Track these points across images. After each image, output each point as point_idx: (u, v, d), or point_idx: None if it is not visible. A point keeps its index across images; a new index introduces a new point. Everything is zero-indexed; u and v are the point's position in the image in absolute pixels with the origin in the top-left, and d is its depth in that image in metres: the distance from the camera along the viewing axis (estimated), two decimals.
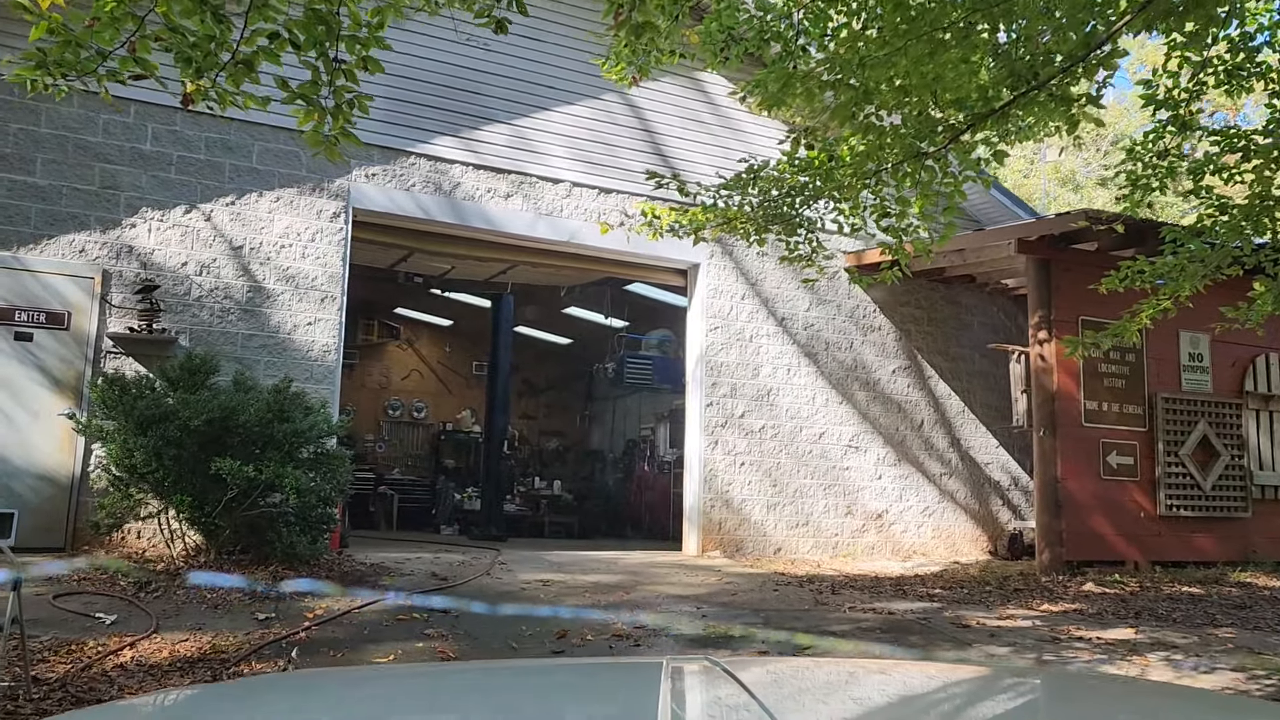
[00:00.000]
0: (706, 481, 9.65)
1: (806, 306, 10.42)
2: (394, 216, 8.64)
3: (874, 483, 10.54)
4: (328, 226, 8.27)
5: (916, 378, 10.97)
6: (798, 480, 10.12)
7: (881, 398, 10.71)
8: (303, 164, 8.20)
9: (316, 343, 8.12)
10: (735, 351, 9.96)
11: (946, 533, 10.90)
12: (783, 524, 9.98)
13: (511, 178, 9.10)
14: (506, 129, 9.11)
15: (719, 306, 9.95)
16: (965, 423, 11.20)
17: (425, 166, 8.73)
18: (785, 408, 10.14)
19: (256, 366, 7.81)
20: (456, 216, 8.84)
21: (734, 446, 9.83)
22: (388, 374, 19.84)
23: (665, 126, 9.83)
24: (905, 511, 10.68)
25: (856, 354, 10.64)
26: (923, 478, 10.85)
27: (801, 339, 10.34)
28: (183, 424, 6.05)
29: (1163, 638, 5.92)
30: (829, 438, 10.34)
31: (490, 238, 9.15)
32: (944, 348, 11.20)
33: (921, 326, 11.09)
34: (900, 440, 10.76)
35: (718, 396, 9.82)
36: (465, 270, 11.74)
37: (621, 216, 9.49)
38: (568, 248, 9.42)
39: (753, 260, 10.16)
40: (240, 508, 6.30)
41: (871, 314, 10.78)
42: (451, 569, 7.55)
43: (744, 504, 9.80)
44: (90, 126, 7.56)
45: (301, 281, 8.12)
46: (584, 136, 9.45)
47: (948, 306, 11.29)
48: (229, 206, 7.93)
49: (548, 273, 11.73)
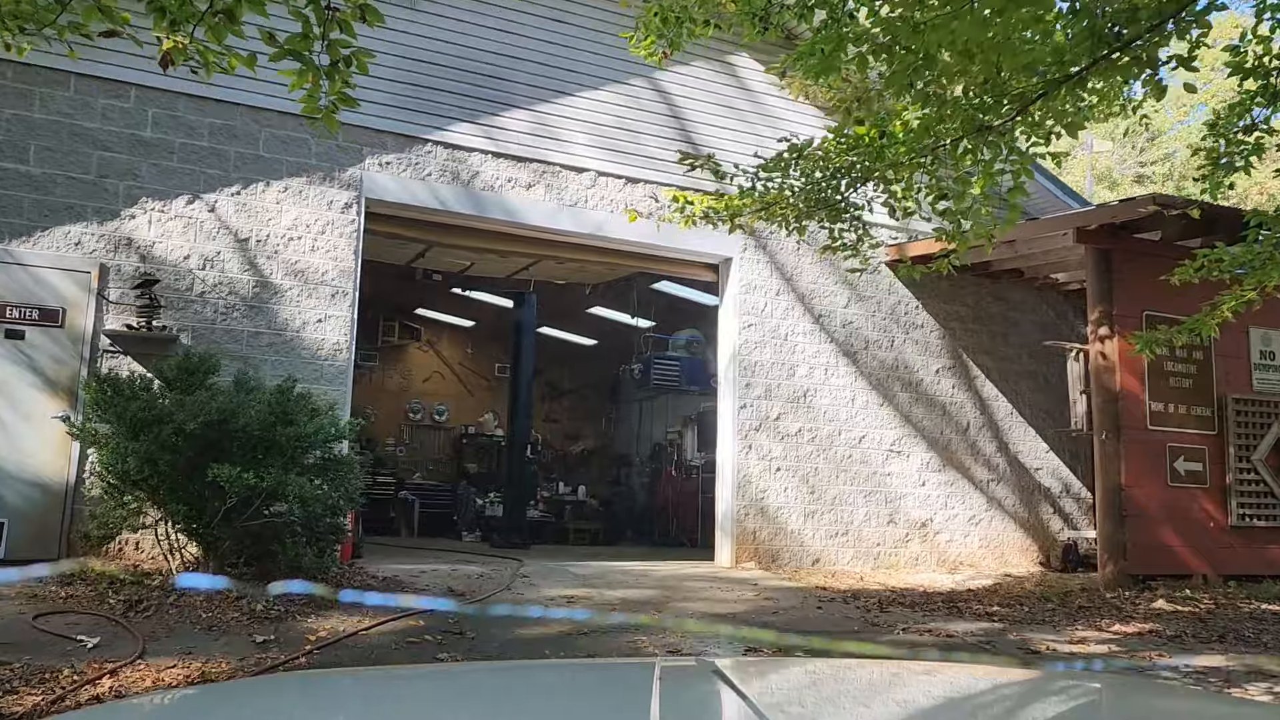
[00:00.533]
0: (740, 488, 9.09)
1: (845, 303, 9.84)
2: (408, 208, 8.16)
3: (917, 489, 9.94)
4: (338, 218, 7.80)
5: (962, 378, 10.35)
6: (836, 487, 9.54)
7: (925, 399, 10.11)
8: (312, 151, 7.74)
9: (327, 341, 7.64)
10: (770, 350, 9.40)
11: (995, 543, 10.28)
12: (821, 533, 9.40)
13: (533, 167, 8.59)
14: (527, 115, 8.60)
15: (752, 303, 9.39)
16: (1013, 426, 10.57)
17: (442, 154, 8.25)
18: (823, 410, 9.57)
19: (263, 366, 7.35)
20: (475, 208, 8.34)
21: (769, 451, 9.26)
22: (408, 376, 19.44)
23: (695, 113, 9.29)
24: (951, 520, 10.06)
25: (898, 353, 10.04)
26: (969, 484, 10.23)
27: (840, 337, 9.77)
28: (177, 427, 5.57)
29: (1258, 665, 5.29)
30: (869, 441, 9.76)
31: (510, 230, 8.65)
32: (990, 346, 10.58)
33: (966, 324, 10.47)
34: (945, 444, 10.15)
35: (752, 398, 9.26)
36: (485, 267, 11.26)
37: (650, 205, 8.96)
38: (592, 240, 8.90)
39: (788, 254, 9.59)
40: (241, 518, 5.82)
41: (913, 311, 10.18)
42: (470, 583, 7.04)
43: (780, 512, 9.23)
44: (87, 112, 7.13)
45: (311, 276, 7.65)
46: (609, 123, 8.93)
47: (994, 303, 10.67)
48: (234, 197, 7.48)
49: (571, 269, 11.22)
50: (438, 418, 19.39)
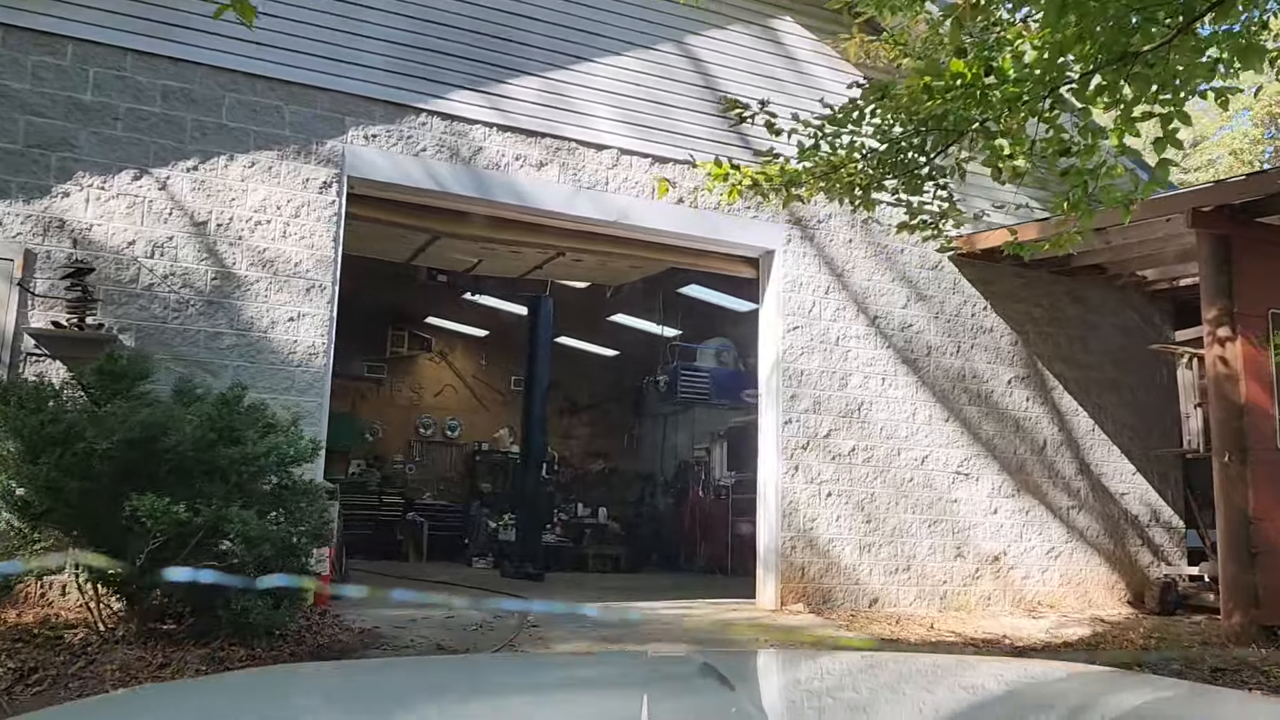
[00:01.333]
0: (785, 516, 7.80)
1: (904, 302, 8.56)
2: (399, 188, 6.98)
3: (988, 518, 8.61)
4: (316, 199, 6.62)
5: (1037, 389, 9.03)
6: (896, 515, 8.24)
7: (995, 413, 8.80)
8: (285, 120, 6.58)
9: (300, 343, 6.46)
10: (819, 357, 8.13)
11: (1076, 579, 8.92)
12: (879, 569, 8.09)
13: (546, 143, 7.39)
14: (539, 83, 7.42)
15: (798, 302, 8.13)
16: (1095, 444, 9.23)
17: (439, 127, 7.06)
18: (880, 425, 8.28)
19: (222, 373, 6.17)
20: (478, 189, 7.15)
21: (818, 473, 7.98)
22: (419, 389, 18.29)
23: (732, 84, 8.05)
24: (1026, 553, 8.72)
25: (965, 360, 8.74)
26: (1046, 511, 8.89)
27: (898, 342, 8.48)
28: (88, 447, 4.38)
29: None
30: (933, 462, 8.45)
31: (520, 216, 7.45)
32: (1068, 353, 9.25)
33: (1041, 327, 9.16)
34: (1019, 466, 8.82)
35: (798, 412, 7.99)
36: (495, 264, 10.07)
37: (682, 189, 7.74)
38: (615, 229, 7.68)
39: (839, 245, 8.33)
40: (174, 561, 4.61)
41: (981, 312, 8.88)
42: (466, 636, 5.79)
43: (831, 545, 7.94)
44: (15, 70, 5.99)
45: (282, 267, 6.48)
46: (634, 94, 7.73)
47: (1071, 304, 9.35)
48: (191, 173, 6.32)
49: (591, 266, 10.02)
50: (450, 434, 18.22)
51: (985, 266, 8.88)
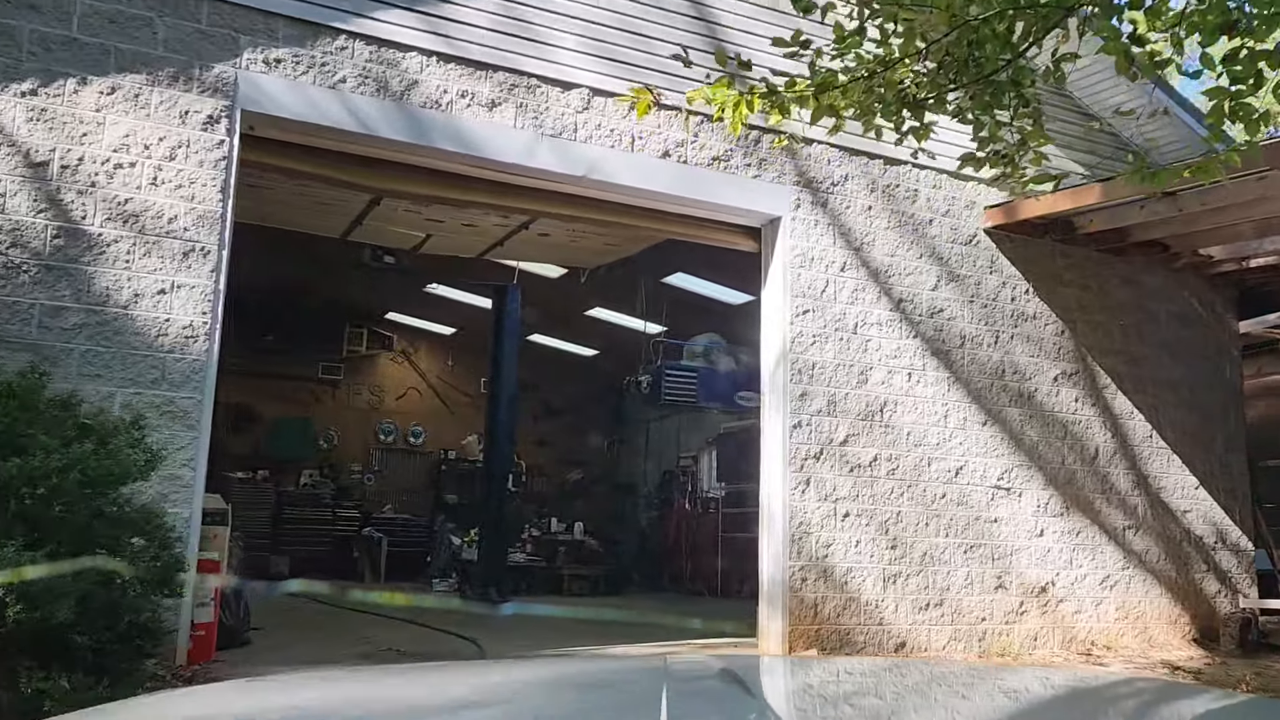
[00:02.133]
0: (794, 542, 6.37)
1: (933, 283, 7.16)
2: (313, 130, 5.51)
3: (1033, 541, 7.21)
4: (198, 138, 5.15)
5: (1087, 388, 7.64)
6: (926, 538, 6.83)
7: (1040, 416, 7.40)
8: (157, 37, 5.10)
9: (173, 323, 4.97)
10: (833, 347, 6.71)
11: (1134, 612, 7.53)
12: (907, 605, 6.67)
13: (499, 78, 5.95)
14: (492, 3, 5.98)
15: (809, 280, 6.72)
16: (1152, 453, 7.85)
17: (363, 53, 5.60)
18: (906, 430, 6.87)
19: (65, 359, 4.68)
20: (414, 133, 5.69)
21: (833, 488, 6.56)
22: (380, 392, 16.78)
23: (728, 11, 6.65)
24: (1078, 582, 7.32)
25: (1005, 353, 7.34)
26: (1099, 532, 7.50)
27: (927, 330, 7.08)
28: None
29: None
30: (969, 475, 7.04)
31: (467, 169, 6.00)
32: (1122, 345, 7.88)
33: (1090, 315, 7.78)
34: (1068, 478, 7.43)
35: (809, 413, 6.56)
36: (447, 241, 8.59)
37: (668, 137, 6.32)
38: (586, 188, 6.23)
39: (856, 213, 6.93)
40: None
41: (1023, 296, 7.49)
42: None
43: (850, 576, 6.51)
44: None
45: (150, 224, 5.00)
46: (610, 23, 6.30)
47: (1123, 288, 7.98)
48: (26, 98, 4.84)
49: (560, 245, 8.58)
50: (413, 440, 16.71)
51: (1026, 244, 7.51)
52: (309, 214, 7.48)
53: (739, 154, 6.55)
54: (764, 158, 6.63)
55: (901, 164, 7.02)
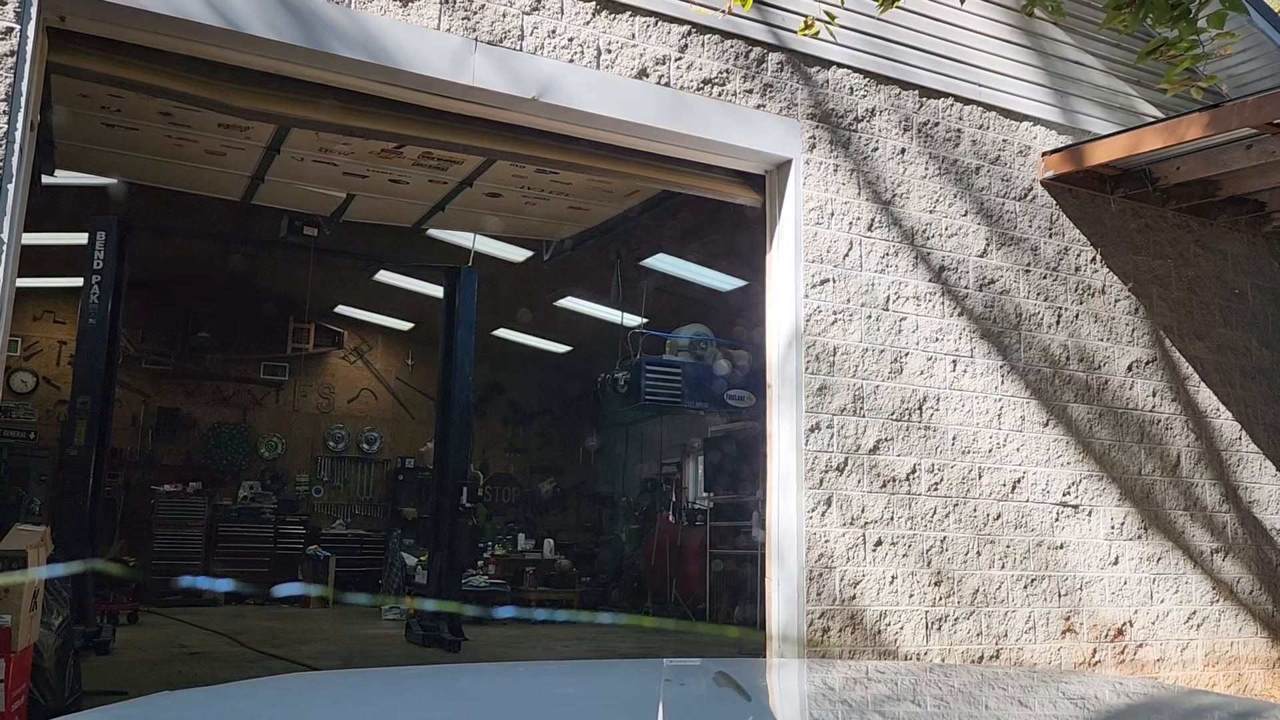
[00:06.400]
0: (814, 579, 4.86)
1: (981, 247, 5.68)
2: (152, 20, 3.95)
3: (1106, 571, 5.74)
4: None
5: (1167, 379, 6.20)
6: (978, 571, 5.34)
7: (1111, 414, 5.94)
8: None
9: None
10: (857, 327, 5.22)
11: (1226, 657, 6.08)
12: (956, 657, 5.18)
13: None
14: None
15: (827, 242, 5.22)
16: (1243, 459, 6.42)
17: None
18: (951, 433, 5.38)
19: None
20: (301, 35, 4.15)
21: (861, 509, 5.06)
22: (330, 394, 15.21)
23: None
24: (1159, 621, 5.87)
25: (1070, 334, 5.88)
26: (1184, 558, 6.05)
27: (976, 306, 5.60)
28: None
29: None
30: (1029, 488, 5.57)
31: (377, 88, 4.45)
32: (1204, 328, 6.44)
33: (1168, 289, 6.33)
34: (1145, 492, 5.97)
35: (829, 412, 5.06)
36: (374, 205, 7.02)
37: (649, 54, 4.81)
38: (538, 116, 4.70)
39: (885, 157, 5.44)
40: None
41: (1088, 265, 6.03)
42: None
43: (885, 622, 5.01)
44: None
45: None
46: None
47: (1203, 256, 6.55)
48: None
49: (512, 208, 7.06)
50: (367, 447, 15.15)
51: (1091, 201, 6.07)
52: (193, 169, 5.92)
53: (737, 75, 5.05)
54: (770, 81, 5.14)
55: (942, 96, 5.56)
